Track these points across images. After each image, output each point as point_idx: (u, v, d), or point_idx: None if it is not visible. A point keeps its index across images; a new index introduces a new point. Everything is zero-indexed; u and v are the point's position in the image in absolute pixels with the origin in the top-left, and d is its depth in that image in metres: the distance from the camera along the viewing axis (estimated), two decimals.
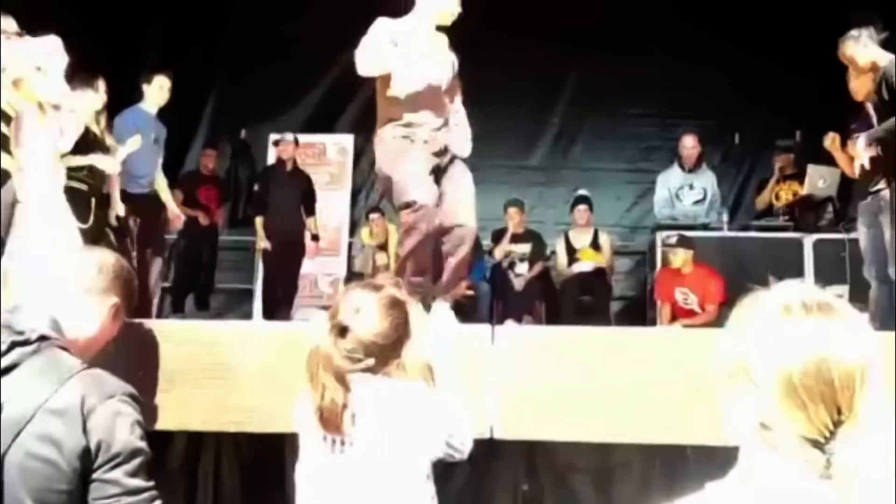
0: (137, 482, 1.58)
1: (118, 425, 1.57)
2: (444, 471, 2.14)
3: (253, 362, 2.50)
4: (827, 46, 5.00)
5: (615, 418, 2.43)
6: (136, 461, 1.58)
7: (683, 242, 6.27)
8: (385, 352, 1.94)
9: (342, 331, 1.92)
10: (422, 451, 1.94)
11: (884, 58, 4.36)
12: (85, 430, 1.53)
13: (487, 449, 2.35)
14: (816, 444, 1.01)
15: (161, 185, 5.68)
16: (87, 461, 1.54)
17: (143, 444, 1.61)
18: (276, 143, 7.10)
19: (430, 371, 2.02)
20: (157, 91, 5.65)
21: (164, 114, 5.93)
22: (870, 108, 4.81)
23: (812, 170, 6.53)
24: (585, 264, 7.02)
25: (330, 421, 1.88)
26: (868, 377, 1.03)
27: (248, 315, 7.36)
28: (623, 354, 2.49)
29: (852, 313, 1.09)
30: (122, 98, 5.52)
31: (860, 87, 4.87)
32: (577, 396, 2.43)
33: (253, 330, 3.07)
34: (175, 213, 5.80)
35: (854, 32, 4.44)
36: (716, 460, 1.13)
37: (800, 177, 6.90)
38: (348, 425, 1.88)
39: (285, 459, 2.24)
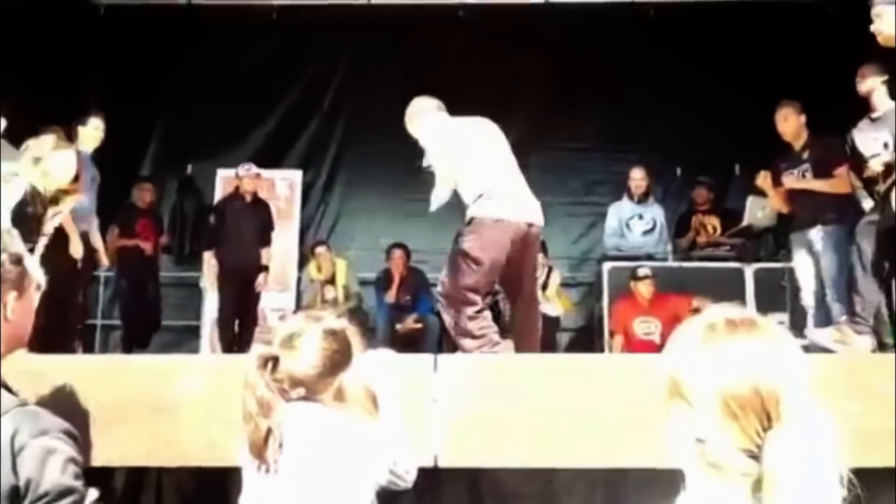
0: None
1: (49, 464, 1.51)
2: (389, 500, 2.14)
3: (197, 396, 2.49)
4: (764, 82, 5.19)
5: (558, 443, 2.46)
6: (65, 501, 1.53)
7: (653, 274, 6.40)
8: (316, 382, 1.95)
9: (272, 361, 1.93)
10: (363, 479, 1.94)
11: None
12: (14, 469, 1.48)
13: (433, 477, 2.35)
14: (751, 455, 1.05)
15: (92, 226, 5.67)
16: (15, 501, 1.48)
17: (75, 483, 1.55)
18: (238, 175, 7.02)
19: (368, 397, 2.03)
20: (91, 132, 5.66)
21: (107, 151, 5.90)
22: (798, 147, 5.10)
23: (752, 200, 6.71)
24: (552, 308, 7.01)
25: (254, 449, 1.89)
26: (793, 386, 1.07)
27: (194, 352, 7.26)
28: (565, 380, 2.53)
29: (775, 328, 1.14)
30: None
31: (788, 128, 5.13)
32: (520, 423, 2.45)
33: (196, 363, 3.04)
34: (101, 253, 5.82)
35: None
36: (657, 484, 1.16)
37: (716, 211, 7.18)
38: (273, 453, 1.87)
39: (229, 493, 2.22)
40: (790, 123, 5.21)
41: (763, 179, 5.32)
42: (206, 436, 2.00)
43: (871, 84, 4.60)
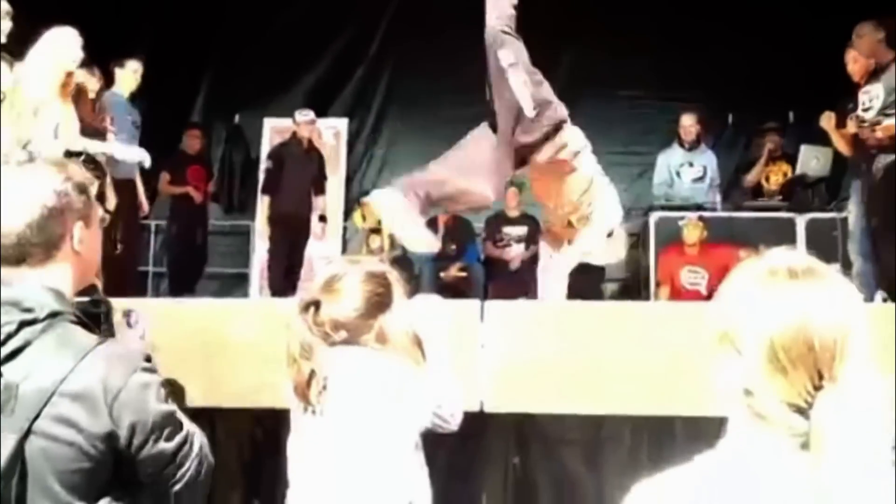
0: (177, 440, 1.54)
1: (147, 400, 1.50)
2: (434, 444, 2.17)
3: (248, 339, 2.53)
4: (820, 28, 5.04)
5: (604, 391, 2.46)
6: (170, 422, 1.54)
7: (701, 220, 6.33)
8: (358, 325, 1.96)
9: (314, 305, 1.95)
10: (407, 421, 1.97)
11: None
12: (111, 414, 1.46)
13: (478, 422, 2.38)
14: (799, 410, 1.02)
15: (135, 172, 5.74)
16: (114, 442, 1.47)
17: (169, 405, 1.54)
18: (296, 122, 7.04)
19: (412, 342, 2.04)
20: (130, 75, 5.71)
21: (157, 96, 5.96)
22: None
23: (805, 149, 6.57)
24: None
25: (298, 391, 1.93)
26: (850, 343, 1.02)
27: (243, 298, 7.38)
28: (612, 328, 2.52)
29: (838, 279, 1.08)
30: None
31: (859, 69, 4.95)
32: (566, 370, 2.46)
33: (247, 306, 3.10)
34: (142, 200, 5.88)
35: None
36: (704, 432, 1.15)
37: (787, 157, 6.95)
38: (316, 395, 1.91)
39: (280, 434, 2.27)
40: (858, 66, 5.02)
41: (827, 121, 5.11)
42: (258, 378, 2.04)
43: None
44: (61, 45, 4.16)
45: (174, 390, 1.69)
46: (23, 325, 1.48)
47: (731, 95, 7.93)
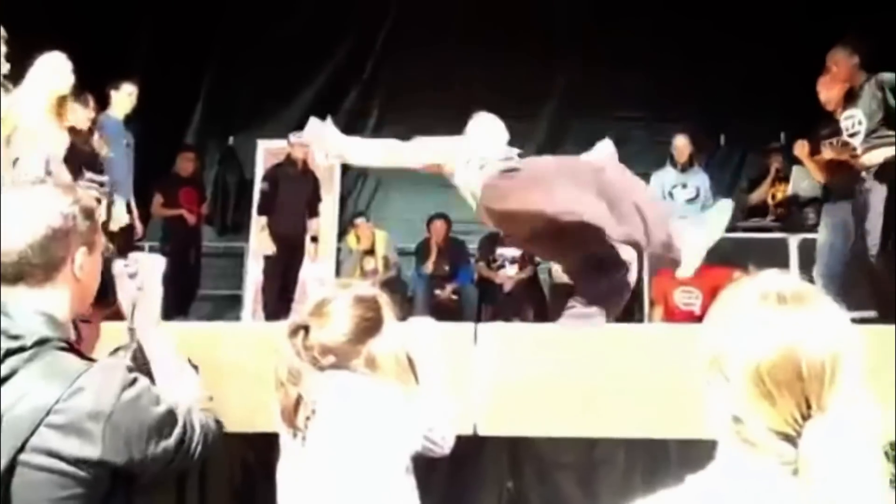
0: (177, 432, 1.55)
1: (139, 413, 1.49)
2: (428, 467, 2.15)
3: (240, 362, 2.51)
4: (810, 49, 5.08)
5: (598, 413, 2.45)
6: (167, 421, 1.54)
7: None
8: (346, 350, 1.94)
9: (303, 329, 1.93)
10: (396, 446, 1.95)
11: None
12: (106, 439, 1.44)
13: (472, 445, 2.36)
14: (787, 438, 1.01)
15: (130, 194, 5.75)
16: (111, 463, 1.46)
17: (160, 406, 1.53)
18: (291, 144, 7.06)
19: (402, 366, 2.02)
20: (125, 98, 5.73)
21: (150, 118, 5.97)
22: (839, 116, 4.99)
23: (797, 170, 6.61)
24: None
25: (285, 416, 1.91)
26: (839, 370, 1.01)
27: (236, 321, 7.35)
28: (606, 350, 2.52)
29: (828, 305, 1.07)
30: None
31: (833, 96, 5.00)
32: (560, 392, 2.45)
33: (240, 329, 3.08)
34: (136, 222, 5.87)
35: None
36: (698, 455, 1.14)
37: (787, 179, 7.02)
38: (303, 420, 1.89)
39: (272, 459, 2.25)
40: (834, 92, 5.09)
41: (800, 148, 5.19)
42: (249, 401, 2.03)
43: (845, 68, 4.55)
44: (52, 71, 4.18)
45: None
46: (9, 353, 1.45)
47: (724, 116, 7.98)
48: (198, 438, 1.60)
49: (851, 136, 4.59)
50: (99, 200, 4.56)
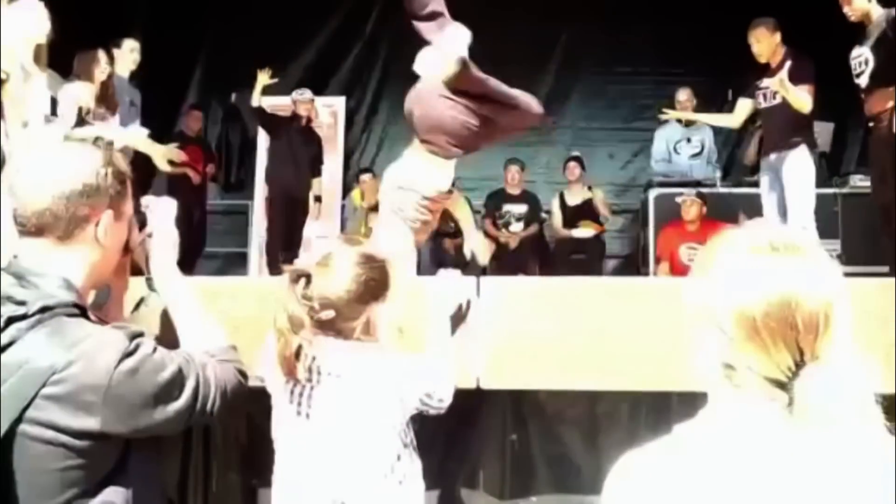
0: (187, 392, 1.51)
1: (140, 383, 1.45)
2: (431, 421, 2.16)
3: (244, 317, 2.51)
4: (818, 2, 5.01)
5: (601, 366, 2.45)
6: (174, 384, 1.50)
7: (700, 196, 6.32)
8: (346, 308, 1.90)
9: (305, 278, 1.89)
10: (394, 409, 1.92)
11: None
12: (107, 410, 1.41)
13: (475, 399, 2.37)
14: (779, 385, 1.01)
15: (144, 141, 5.68)
16: (116, 434, 1.44)
17: (164, 373, 1.48)
18: (294, 100, 7.05)
19: (402, 336, 2.01)
20: (127, 55, 5.67)
21: (153, 76, 5.92)
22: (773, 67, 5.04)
23: None
24: (585, 231, 7.12)
25: (285, 365, 1.87)
26: (833, 319, 1.01)
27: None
28: (609, 303, 2.51)
29: (820, 254, 1.07)
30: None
31: (762, 49, 5.15)
32: (563, 345, 2.44)
33: (244, 285, 3.08)
34: (162, 162, 5.82)
35: None
36: (701, 407, 1.14)
37: None
38: (304, 371, 1.86)
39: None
40: (764, 44, 5.09)
41: (779, 84, 5.08)
42: (253, 357, 2.02)
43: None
44: (26, 18, 4.09)
45: None
46: (11, 320, 1.42)
47: (731, 70, 7.87)
48: (213, 394, 1.57)
49: (857, 76, 4.50)
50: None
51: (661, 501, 1.02)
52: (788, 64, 4.82)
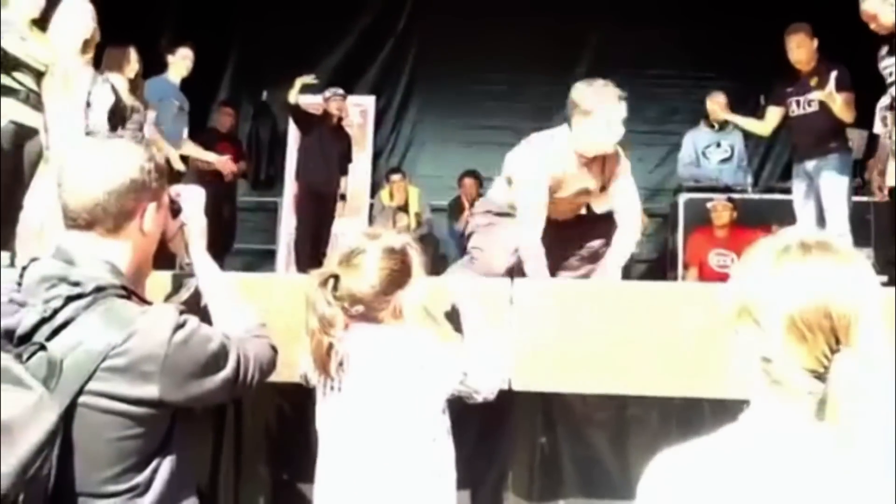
0: (231, 363, 1.64)
1: (192, 353, 1.58)
2: (462, 422, 2.17)
3: (274, 314, 2.53)
4: (849, 8, 4.95)
5: (632, 371, 2.44)
6: (220, 354, 1.63)
7: (731, 201, 6.28)
8: (375, 300, 1.98)
9: (333, 278, 1.97)
10: (429, 388, 1.99)
11: None
12: (163, 380, 1.52)
13: (505, 401, 2.37)
14: (818, 376, 1.05)
15: (190, 148, 5.81)
16: (170, 402, 1.55)
17: (212, 344, 1.62)
18: (326, 99, 7.10)
19: (429, 317, 2.10)
20: (180, 62, 5.82)
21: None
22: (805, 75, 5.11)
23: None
24: None
25: (319, 364, 1.96)
26: (865, 312, 1.05)
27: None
28: (640, 308, 2.50)
29: (851, 251, 1.12)
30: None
31: (802, 55, 5.15)
32: (594, 350, 2.44)
33: (273, 281, 3.10)
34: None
35: None
36: (732, 414, 1.15)
37: None
38: (335, 368, 1.95)
39: (306, 410, 2.28)
40: (804, 50, 5.07)
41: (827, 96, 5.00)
42: (284, 354, 2.04)
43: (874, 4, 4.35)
44: (76, 14, 4.19)
45: None
46: (69, 300, 1.51)
47: (763, 74, 7.81)
48: (252, 367, 1.70)
49: (890, 85, 4.46)
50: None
51: (696, 500, 1.04)
52: (835, 74, 4.79)
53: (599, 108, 3.38)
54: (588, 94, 3.42)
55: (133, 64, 5.08)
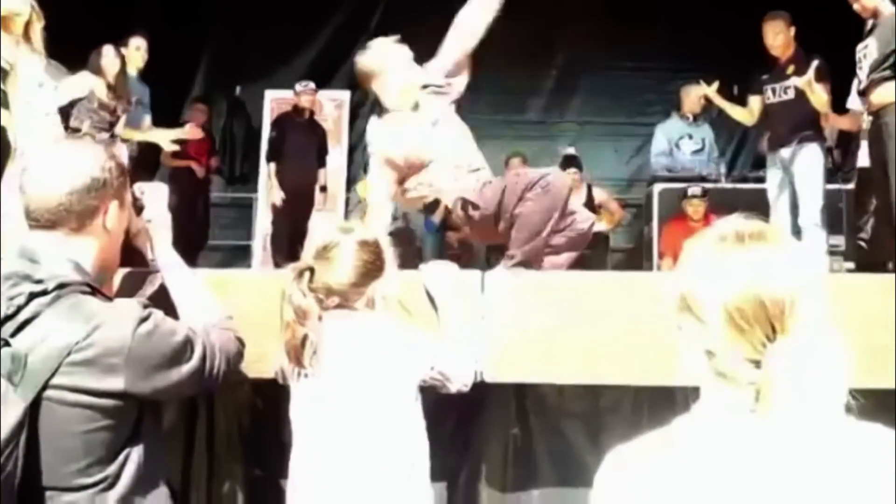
0: (197, 354, 1.67)
1: (157, 345, 1.60)
2: (435, 414, 2.17)
3: (248, 309, 2.52)
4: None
5: (605, 362, 2.45)
6: (185, 347, 1.66)
7: (705, 194, 6.33)
8: (350, 292, 2.04)
9: (308, 271, 2.01)
10: (401, 375, 2.03)
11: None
12: (128, 371, 1.55)
13: (478, 392, 2.37)
14: (758, 365, 1.05)
15: (157, 133, 5.72)
16: (136, 394, 1.57)
17: (176, 337, 1.65)
18: (297, 93, 7.10)
19: (402, 307, 2.15)
20: (134, 53, 5.69)
21: (158, 71, 5.92)
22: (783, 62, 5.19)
23: None
24: (600, 225, 7.08)
25: (292, 354, 1.99)
26: (800, 299, 1.06)
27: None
28: (614, 298, 2.51)
29: (787, 240, 1.13)
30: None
31: (778, 42, 5.24)
32: (567, 340, 2.45)
33: (248, 277, 3.09)
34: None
35: None
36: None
37: None
38: (308, 358, 1.98)
39: (279, 405, 2.27)
40: (781, 37, 5.12)
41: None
42: (257, 348, 2.05)
43: None
44: None
45: None
46: (32, 296, 1.54)
47: (738, 67, 7.85)
48: (219, 359, 1.73)
49: (860, 70, 4.49)
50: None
51: (651, 493, 1.05)
52: (815, 63, 4.83)
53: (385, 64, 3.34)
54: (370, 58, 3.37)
55: (112, 60, 5.04)
